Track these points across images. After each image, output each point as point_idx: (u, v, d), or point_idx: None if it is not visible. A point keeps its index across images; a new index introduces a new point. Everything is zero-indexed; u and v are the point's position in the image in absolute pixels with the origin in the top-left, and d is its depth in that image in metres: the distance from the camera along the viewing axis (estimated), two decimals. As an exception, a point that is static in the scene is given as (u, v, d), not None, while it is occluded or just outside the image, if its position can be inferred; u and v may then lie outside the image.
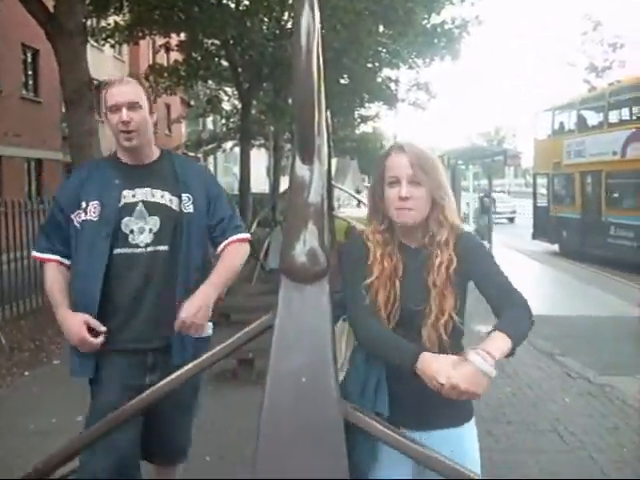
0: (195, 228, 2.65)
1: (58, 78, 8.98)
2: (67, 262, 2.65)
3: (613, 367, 6.73)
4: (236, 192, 21.99)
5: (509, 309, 1.94)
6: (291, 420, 1.52)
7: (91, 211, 2.57)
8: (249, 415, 2.23)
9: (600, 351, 7.50)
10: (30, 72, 21.20)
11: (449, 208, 2.10)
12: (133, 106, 2.56)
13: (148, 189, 2.63)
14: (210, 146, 30.03)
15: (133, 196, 2.61)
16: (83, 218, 2.57)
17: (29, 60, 21.03)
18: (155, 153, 2.76)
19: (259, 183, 30.45)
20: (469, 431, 2.18)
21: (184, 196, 2.65)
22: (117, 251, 2.56)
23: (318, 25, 1.68)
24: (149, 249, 2.58)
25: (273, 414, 1.53)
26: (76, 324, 2.48)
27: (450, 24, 16.55)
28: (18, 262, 8.94)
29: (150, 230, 2.58)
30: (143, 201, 2.61)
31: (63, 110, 12.88)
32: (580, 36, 11.21)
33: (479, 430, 2.22)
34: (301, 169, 1.69)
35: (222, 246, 2.71)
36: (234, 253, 2.72)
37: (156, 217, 2.60)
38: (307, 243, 1.57)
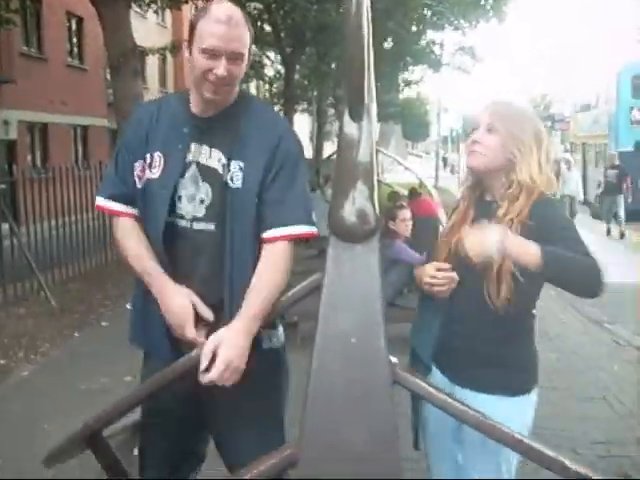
0: (242, 208, 2.01)
1: (102, 45, 9.04)
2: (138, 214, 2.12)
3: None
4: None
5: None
6: (340, 381, 1.50)
7: (154, 166, 2.06)
8: (295, 379, 2.24)
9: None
10: (75, 39, 21.40)
11: (527, 165, 2.06)
12: (235, 58, 2.00)
13: (206, 147, 2.06)
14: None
15: (192, 152, 2.07)
16: (147, 175, 2.06)
17: (74, 28, 21.21)
18: (231, 98, 2.11)
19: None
20: (521, 405, 2.11)
21: (234, 164, 2.02)
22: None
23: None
24: (195, 225, 2.04)
25: (322, 375, 1.52)
26: (185, 305, 1.98)
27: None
28: (67, 227, 9.13)
29: (202, 201, 2.04)
30: (197, 163, 2.05)
31: (108, 77, 12.98)
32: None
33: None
34: (350, 127, 1.65)
35: (265, 238, 2.01)
36: (277, 260, 1.98)
37: (208, 185, 2.04)
38: (356, 202, 1.54)
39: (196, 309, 1.97)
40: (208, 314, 1.98)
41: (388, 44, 19.76)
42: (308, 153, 31.44)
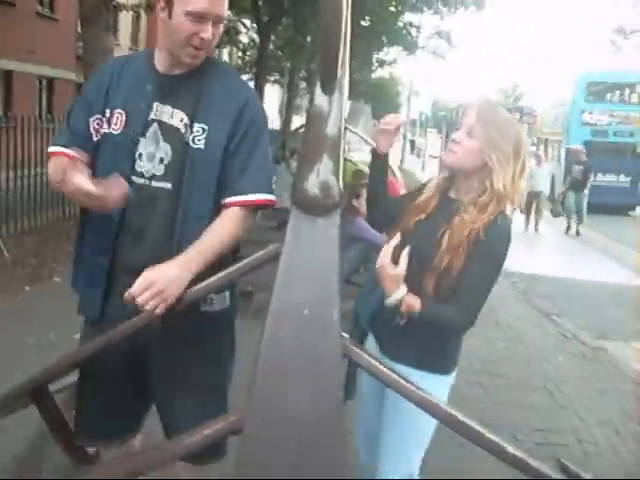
0: (203, 169, 2.00)
1: (75, -6, 8.81)
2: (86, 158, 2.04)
3: (608, 332, 6.78)
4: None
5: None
6: (290, 351, 1.51)
7: (114, 122, 2.02)
8: (245, 350, 2.24)
9: (596, 315, 7.53)
10: (47, -14, 20.82)
11: (504, 174, 2.07)
12: (219, 21, 2.00)
13: (169, 107, 2.03)
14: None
15: (155, 111, 2.03)
16: (105, 130, 2.03)
17: (46, -26, 20.63)
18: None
19: (269, 120, 30.14)
20: (441, 383, 2.22)
21: (197, 126, 2.01)
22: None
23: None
24: (153, 183, 2.02)
25: (272, 344, 1.52)
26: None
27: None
28: (25, 179, 8.93)
29: (161, 160, 2.02)
30: (159, 121, 2.02)
31: (79, 29, 12.68)
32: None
33: (470, 381, 2.25)
34: (321, 99, 1.64)
35: (223, 204, 2.01)
36: (232, 223, 1.99)
37: (168, 145, 2.02)
38: (321, 175, 1.54)
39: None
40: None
41: (365, 22, 19.65)
42: (276, 125, 31.29)
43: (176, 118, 2.01)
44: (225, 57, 36.21)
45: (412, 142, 40.65)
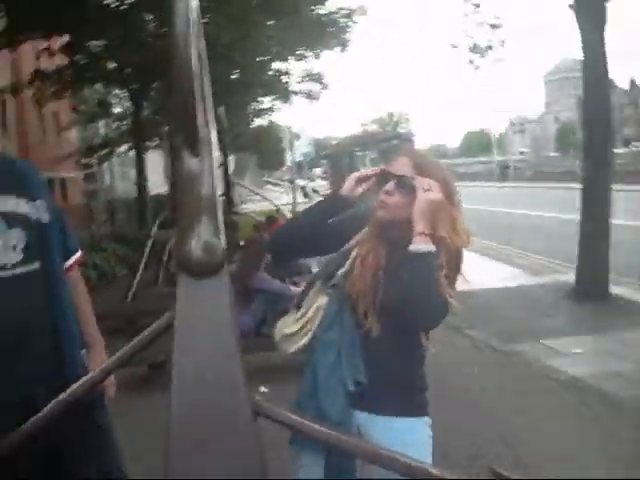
0: (56, 241, 2.13)
1: None
2: None
3: (518, 334, 7.00)
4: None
5: None
6: (200, 417, 1.47)
7: None
8: (161, 419, 2.18)
9: (505, 320, 7.78)
10: None
11: (442, 221, 2.03)
12: None
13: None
14: (104, 151, 29.12)
15: None
16: None
17: None
18: None
19: (159, 185, 29.80)
20: (420, 425, 2.20)
21: (39, 202, 2.08)
22: None
23: (196, 11, 1.63)
24: (18, 270, 1.98)
25: (181, 413, 1.48)
26: None
27: (336, 14, 16.74)
28: None
29: (14, 247, 1.99)
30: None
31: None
32: (462, 18, 11.60)
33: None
34: (187, 162, 1.64)
35: (67, 267, 2.22)
36: (83, 286, 2.34)
37: (18, 229, 2.01)
38: (202, 237, 1.52)
39: None
40: None
41: (236, 75, 19.89)
42: (165, 189, 30.90)
43: (9, 204, 2.00)
44: (101, 130, 35.73)
45: (303, 188, 41.09)
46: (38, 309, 2.01)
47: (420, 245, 1.95)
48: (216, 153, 1.89)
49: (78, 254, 2.32)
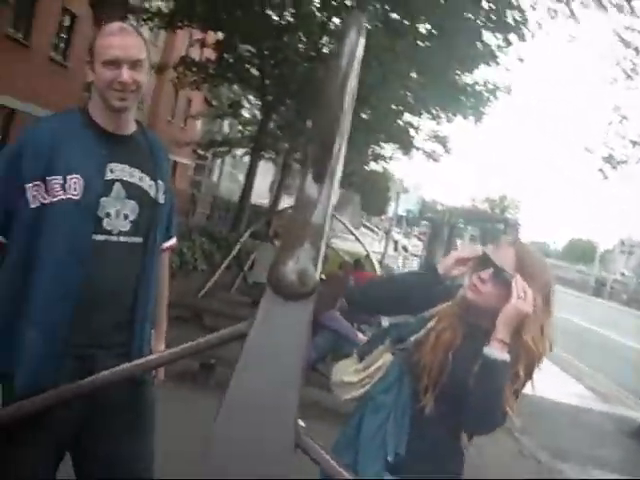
0: (161, 222, 2.26)
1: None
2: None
3: (567, 454, 6.69)
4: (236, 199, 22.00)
5: None
6: (242, 438, 1.47)
7: (71, 187, 2.03)
8: (203, 419, 2.20)
9: (558, 436, 7.45)
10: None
11: (533, 325, 1.96)
12: (135, 64, 2.10)
13: (126, 166, 2.15)
14: (222, 149, 30.03)
15: (111, 171, 2.12)
16: (60, 196, 2.02)
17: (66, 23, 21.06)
18: (133, 123, 2.25)
19: (258, 196, 30.43)
20: None
21: (160, 183, 2.22)
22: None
23: (361, 52, 1.67)
24: (122, 239, 2.12)
25: (227, 425, 1.48)
26: None
27: (481, 86, 16.73)
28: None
29: (126, 216, 2.13)
30: (121, 180, 2.13)
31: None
32: (605, 126, 11.37)
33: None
34: (311, 187, 1.66)
35: (163, 248, 2.36)
36: (165, 268, 2.47)
37: (133, 202, 2.15)
38: (300, 261, 1.53)
39: None
40: None
41: (366, 115, 20.15)
42: (264, 201, 31.54)
43: (135, 176, 2.16)
44: (225, 128, 36.91)
45: (396, 242, 40.99)
46: (129, 280, 2.14)
47: (495, 351, 1.90)
48: (336, 186, 1.92)
49: (173, 240, 2.44)
